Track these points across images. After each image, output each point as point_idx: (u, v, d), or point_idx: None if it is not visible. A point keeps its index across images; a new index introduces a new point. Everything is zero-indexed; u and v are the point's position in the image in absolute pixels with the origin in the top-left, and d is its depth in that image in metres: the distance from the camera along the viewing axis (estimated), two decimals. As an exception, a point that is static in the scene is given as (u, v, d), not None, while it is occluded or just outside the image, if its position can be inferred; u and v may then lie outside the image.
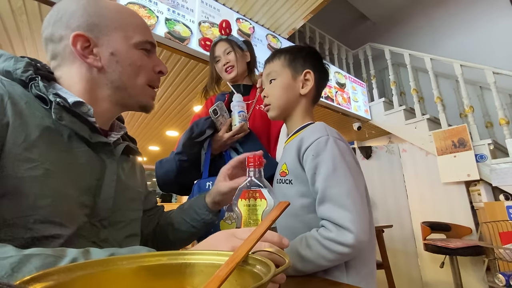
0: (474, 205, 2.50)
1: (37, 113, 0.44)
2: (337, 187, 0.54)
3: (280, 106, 0.71)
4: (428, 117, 3.00)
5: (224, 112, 0.94)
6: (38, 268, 0.29)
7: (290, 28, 2.89)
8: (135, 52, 0.54)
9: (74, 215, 0.44)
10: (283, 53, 0.73)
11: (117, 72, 0.52)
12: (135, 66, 0.54)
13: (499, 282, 1.55)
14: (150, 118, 3.41)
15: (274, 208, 0.35)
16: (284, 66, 0.72)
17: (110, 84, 0.53)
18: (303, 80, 0.70)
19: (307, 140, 0.60)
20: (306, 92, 0.70)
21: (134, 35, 0.54)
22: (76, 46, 0.49)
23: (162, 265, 0.29)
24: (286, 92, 0.70)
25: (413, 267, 2.78)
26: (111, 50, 0.52)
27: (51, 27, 0.51)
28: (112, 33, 0.52)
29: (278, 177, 0.67)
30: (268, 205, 0.44)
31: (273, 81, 0.72)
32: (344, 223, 0.50)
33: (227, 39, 1.10)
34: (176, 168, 0.90)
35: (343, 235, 0.50)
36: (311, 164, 0.58)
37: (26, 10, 1.70)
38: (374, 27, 4.80)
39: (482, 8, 3.60)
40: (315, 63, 0.72)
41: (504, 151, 2.60)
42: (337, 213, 0.52)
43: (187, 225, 0.68)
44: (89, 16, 0.51)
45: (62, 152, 0.45)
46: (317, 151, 0.58)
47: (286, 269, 0.27)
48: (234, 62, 1.06)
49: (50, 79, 0.51)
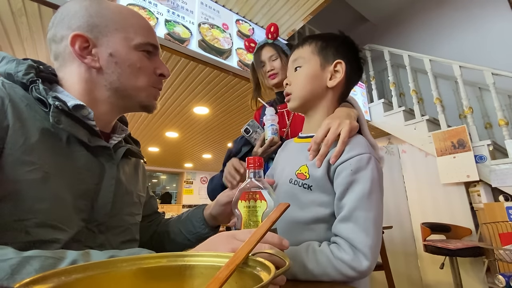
0: (474, 206, 2.50)
1: (37, 116, 0.44)
2: (367, 212, 0.51)
3: (302, 97, 0.64)
4: (427, 118, 3.00)
5: (257, 128, 1.00)
6: (37, 270, 0.29)
7: (290, 30, 2.90)
8: (135, 54, 0.53)
9: (72, 220, 0.44)
10: (315, 39, 0.66)
11: (115, 73, 0.51)
12: (135, 68, 0.53)
13: (499, 283, 1.55)
14: (150, 119, 3.41)
15: (274, 209, 0.35)
16: (314, 53, 0.64)
17: (109, 85, 0.52)
18: (333, 71, 0.63)
19: (347, 152, 0.54)
20: (334, 85, 0.63)
21: (135, 36, 0.53)
22: (74, 46, 0.49)
23: (162, 267, 0.29)
24: (311, 82, 0.63)
25: (413, 268, 2.78)
26: (110, 51, 0.51)
27: (54, 27, 0.51)
28: (112, 34, 0.51)
29: (294, 178, 0.60)
30: (268, 207, 0.44)
31: (299, 68, 0.65)
32: (362, 248, 0.48)
33: (273, 43, 1.11)
34: (221, 183, 0.99)
35: (358, 260, 0.48)
36: (346, 179, 0.53)
37: (26, 12, 1.70)
38: (374, 28, 4.81)
39: (481, 10, 3.61)
40: (349, 55, 0.65)
41: (504, 152, 2.60)
42: (359, 237, 0.49)
43: (182, 236, 0.66)
44: (90, 16, 0.51)
45: (61, 156, 0.45)
46: (358, 168, 0.53)
47: (286, 271, 0.27)
48: (279, 69, 1.07)
49: (52, 81, 0.51)
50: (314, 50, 0.65)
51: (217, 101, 2.89)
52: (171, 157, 5.59)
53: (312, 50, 0.65)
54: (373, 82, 3.74)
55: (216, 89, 2.63)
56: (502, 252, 1.66)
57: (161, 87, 0.59)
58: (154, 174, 8.33)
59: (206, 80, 2.47)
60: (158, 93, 0.59)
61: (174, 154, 5.29)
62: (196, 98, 2.81)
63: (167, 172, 7.68)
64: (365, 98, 3.75)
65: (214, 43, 2.25)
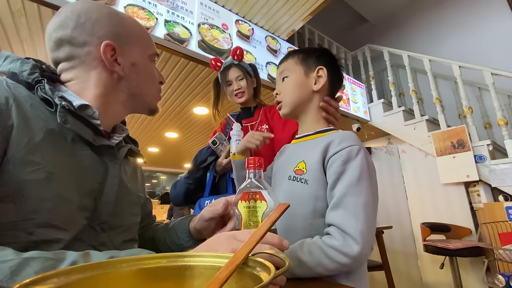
0: (474, 206, 2.50)
1: (42, 116, 0.44)
2: (356, 197, 0.53)
3: (292, 103, 0.71)
4: (427, 118, 3.00)
5: (223, 141, 1.11)
6: (37, 271, 0.29)
7: (289, 30, 2.90)
8: (150, 64, 0.59)
9: (75, 219, 0.44)
10: (296, 52, 0.74)
11: (136, 81, 0.56)
12: (149, 77, 0.59)
13: (499, 283, 1.55)
14: (150, 120, 3.41)
15: (274, 210, 0.35)
16: (297, 64, 0.72)
17: (127, 91, 0.56)
18: (316, 76, 0.70)
19: (338, 145, 0.59)
20: (319, 88, 0.69)
21: (148, 48, 0.59)
22: (106, 54, 0.51)
23: (161, 268, 0.29)
24: (299, 88, 0.70)
25: (413, 268, 2.78)
26: (132, 61, 0.55)
27: (71, 30, 0.51)
28: (133, 44, 0.56)
29: (293, 174, 0.65)
30: (268, 207, 0.44)
31: (286, 78, 0.72)
32: (352, 232, 0.50)
33: (239, 64, 1.21)
34: (184, 190, 1.12)
35: (348, 245, 0.49)
36: (337, 169, 0.57)
37: (25, 12, 1.70)
38: (373, 28, 4.82)
39: (480, 10, 3.61)
40: (328, 62, 0.72)
41: (503, 152, 2.60)
42: (349, 221, 0.51)
43: (165, 246, 0.64)
44: (114, 26, 0.54)
45: (65, 155, 0.45)
46: (348, 158, 0.57)
47: (286, 271, 0.27)
48: (245, 88, 1.18)
49: (54, 80, 0.52)
50: (297, 61, 0.72)
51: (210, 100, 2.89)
52: (171, 157, 5.59)
53: (295, 61, 0.73)
54: (372, 82, 3.74)
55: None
56: (502, 252, 1.66)
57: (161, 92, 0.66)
58: (154, 175, 8.33)
59: (206, 81, 2.47)
60: (160, 97, 0.64)
61: (174, 154, 5.29)
62: (196, 99, 2.81)
63: (167, 173, 7.68)
64: (364, 98, 3.75)
65: (213, 43, 2.25)
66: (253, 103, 1.27)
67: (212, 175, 1.11)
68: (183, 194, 1.13)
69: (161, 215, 5.53)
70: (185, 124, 3.56)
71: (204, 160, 1.10)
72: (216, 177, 1.12)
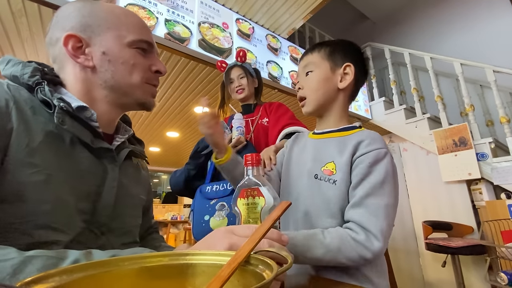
0: (476, 203, 2.49)
1: (41, 118, 0.44)
2: (378, 198, 0.55)
3: (316, 100, 0.68)
4: (428, 116, 2.99)
5: (225, 129, 1.14)
6: (39, 269, 0.29)
7: (290, 28, 2.89)
8: (128, 51, 0.53)
9: (73, 222, 0.44)
10: (323, 45, 0.71)
11: (109, 71, 0.52)
12: (128, 65, 0.53)
13: (501, 281, 1.54)
14: (151, 119, 3.41)
15: (276, 208, 0.35)
16: (323, 58, 0.69)
17: (104, 84, 0.52)
18: (342, 73, 0.67)
19: (367, 146, 0.60)
20: (345, 87, 0.67)
21: (127, 34, 0.54)
22: (67, 46, 0.49)
23: (163, 266, 0.29)
24: (324, 85, 0.67)
25: (415, 266, 2.78)
26: (103, 50, 0.51)
27: (50, 31, 0.52)
28: (105, 33, 0.52)
29: (320, 174, 0.64)
30: (267, 203, 0.44)
31: (310, 73, 0.69)
32: (374, 230, 0.52)
33: (242, 65, 1.30)
34: (184, 176, 1.14)
35: (370, 241, 0.51)
36: (363, 170, 0.58)
37: (26, 12, 1.70)
38: (374, 26, 4.80)
39: (482, 7, 3.59)
40: (356, 58, 0.69)
41: (505, 149, 2.59)
42: (370, 219, 0.53)
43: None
44: (83, 17, 0.51)
45: (64, 158, 0.45)
46: (375, 161, 0.58)
47: (288, 268, 0.27)
48: (246, 85, 1.28)
49: (56, 83, 0.52)
50: (323, 55, 0.69)
51: (217, 101, 2.88)
52: (172, 157, 5.59)
53: (322, 56, 0.69)
54: (373, 80, 3.73)
55: (216, 88, 2.62)
56: (504, 250, 1.65)
57: (157, 83, 0.59)
58: (155, 174, 8.35)
59: (207, 80, 2.47)
60: (155, 90, 0.59)
61: (175, 154, 5.30)
62: (197, 98, 2.81)
63: (168, 172, 7.69)
64: (365, 97, 3.74)
65: (214, 42, 2.25)
66: (253, 101, 1.34)
67: (213, 163, 1.11)
68: (183, 181, 1.14)
69: (162, 215, 5.54)
70: (186, 123, 3.56)
71: (206, 147, 1.10)
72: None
